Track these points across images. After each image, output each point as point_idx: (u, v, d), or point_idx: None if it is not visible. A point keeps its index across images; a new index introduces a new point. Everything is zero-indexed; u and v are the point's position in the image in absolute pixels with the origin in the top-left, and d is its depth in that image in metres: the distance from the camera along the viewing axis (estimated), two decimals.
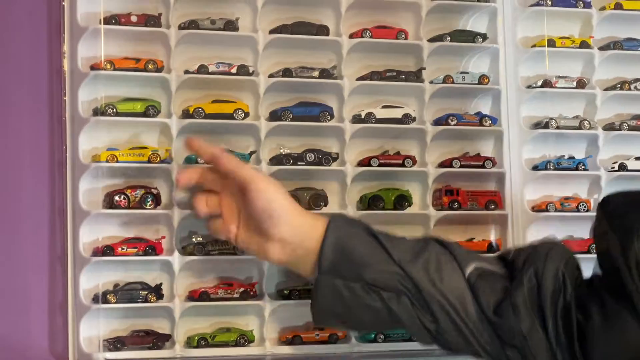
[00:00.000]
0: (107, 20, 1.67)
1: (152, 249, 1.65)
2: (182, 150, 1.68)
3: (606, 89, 1.93)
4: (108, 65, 1.66)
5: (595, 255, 1.40)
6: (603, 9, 1.94)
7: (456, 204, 1.82)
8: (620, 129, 1.92)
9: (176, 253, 1.66)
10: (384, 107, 1.81)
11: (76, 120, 1.65)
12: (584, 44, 1.92)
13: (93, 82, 1.65)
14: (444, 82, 1.84)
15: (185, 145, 1.56)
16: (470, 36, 1.88)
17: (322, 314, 1.45)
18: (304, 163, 1.74)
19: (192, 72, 1.71)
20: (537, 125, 1.90)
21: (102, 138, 1.66)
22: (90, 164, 1.64)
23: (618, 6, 1.94)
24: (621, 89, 1.93)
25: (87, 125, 1.65)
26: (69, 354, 1.61)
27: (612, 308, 1.27)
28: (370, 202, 1.77)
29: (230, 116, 1.71)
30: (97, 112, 1.65)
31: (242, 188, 1.46)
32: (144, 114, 1.67)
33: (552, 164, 1.88)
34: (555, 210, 1.86)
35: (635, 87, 1.93)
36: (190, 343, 1.65)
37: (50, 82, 1.67)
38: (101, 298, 1.61)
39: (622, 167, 1.91)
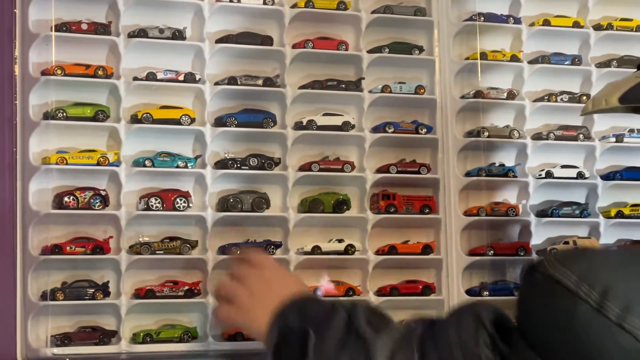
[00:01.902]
0: (58, 28, 1.72)
1: (99, 248, 1.70)
2: (129, 153, 1.75)
3: (534, 101, 2.02)
4: (59, 71, 1.71)
5: None
6: (532, 25, 2.03)
7: (392, 208, 1.89)
8: (547, 139, 2.00)
9: (123, 252, 1.72)
10: (324, 114, 1.89)
11: (27, 123, 1.70)
12: (514, 58, 2.01)
13: (44, 87, 1.71)
14: (382, 91, 1.92)
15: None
16: (407, 48, 1.96)
17: None
18: (247, 167, 1.81)
19: (141, 79, 1.77)
20: (470, 133, 1.98)
21: (52, 141, 1.71)
22: (40, 166, 1.69)
23: (546, 22, 2.03)
24: (548, 100, 2.02)
25: (37, 129, 1.70)
26: (17, 350, 1.65)
27: None
28: (310, 205, 1.84)
29: (177, 121, 1.77)
30: (47, 116, 1.71)
31: None
32: (94, 119, 1.73)
33: (483, 171, 1.96)
34: (486, 215, 1.94)
35: (562, 99, 2.02)
36: (135, 339, 1.71)
37: (1, 87, 1.71)
38: (49, 295, 1.66)
39: (549, 175, 1.99)
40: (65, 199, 1.68)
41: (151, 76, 1.76)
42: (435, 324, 1.16)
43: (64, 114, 1.70)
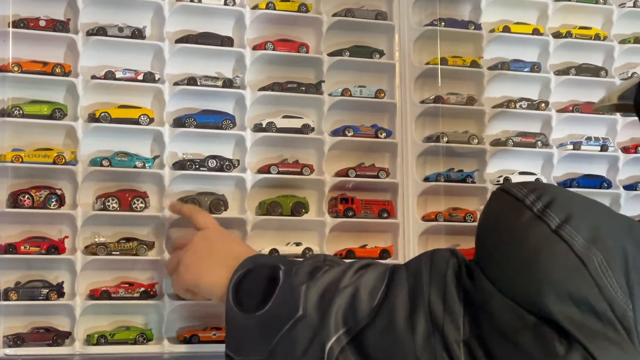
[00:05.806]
0: (16, 24, 1.70)
1: (55, 248, 1.68)
2: (86, 152, 1.73)
3: (494, 107, 2.03)
4: (15, 68, 1.69)
5: None
6: (492, 31, 2.05)
7: (351, 212, 1.89)
8: (506, 145, 2.01)
9: (78, 252, 1.70)
10: (284, 117, 1.88)
11: None
12: (474, 64, 2.02)
13: (0, 83, 1.68)
14: (342, 95, 1.92)
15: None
16: (368, 52, 1.96)
17: None
18: (206, 169, 1.80)
19: (99, 78, 1.75)
20: (429, 138, 1.98)
21: (8, 139, 1.69)
22: None
23: (506, 29, 2.04)
24: (507, 107, 2.03)
25: None
26: None
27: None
28: (268, 207, 1.84)
29: (135, 121, 1.76)
30: (3, 113, 1.68)
31: None
32: (50, 117, 1.71)
33: (442, 176, 1.96)
34: (444, 220, 1.95)
35: (521, 106, 2.04)
36: (89, 340, 1.69)
37: None
38: (2, 295, 1.63)
39: (507, 181, 2.00)
40: (21, 197, 1.65)
41: (110, 75, 1.75)
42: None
43: (21, 112, 1.68)
